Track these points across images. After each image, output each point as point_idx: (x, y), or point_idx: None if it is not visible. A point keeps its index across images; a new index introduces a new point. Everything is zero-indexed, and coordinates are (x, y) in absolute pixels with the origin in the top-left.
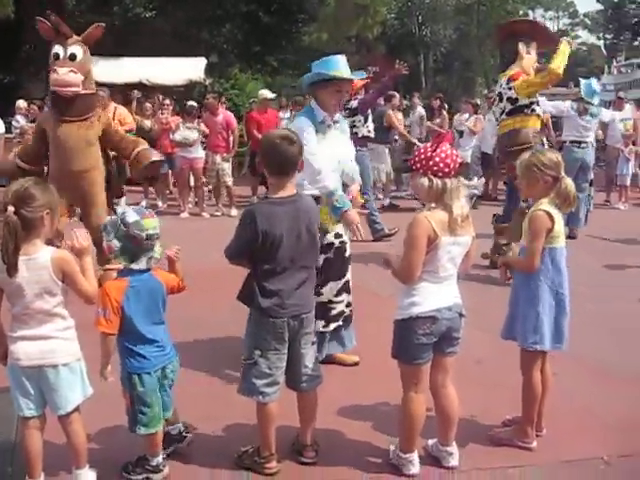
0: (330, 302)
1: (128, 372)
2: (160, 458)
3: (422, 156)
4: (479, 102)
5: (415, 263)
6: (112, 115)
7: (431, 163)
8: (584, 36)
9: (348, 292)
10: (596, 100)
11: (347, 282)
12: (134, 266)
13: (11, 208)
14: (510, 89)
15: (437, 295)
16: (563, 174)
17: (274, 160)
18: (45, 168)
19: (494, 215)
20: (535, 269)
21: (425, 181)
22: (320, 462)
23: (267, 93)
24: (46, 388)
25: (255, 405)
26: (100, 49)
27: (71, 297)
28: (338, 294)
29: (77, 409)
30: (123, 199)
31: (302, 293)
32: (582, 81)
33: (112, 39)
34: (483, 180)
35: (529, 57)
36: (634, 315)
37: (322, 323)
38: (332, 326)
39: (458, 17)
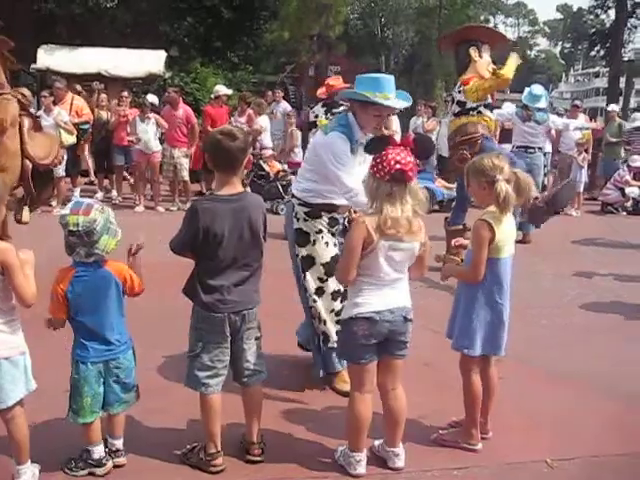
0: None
1: (72, 355)
2: (101, 451)
3: (377, 159)
4: (435, 105)
5: (350, 265)
6: (69, 106)
7: (379, 167)
8: (543, 44)
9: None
10: (542, 104)
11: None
12: (74, 257)
13: None
14: (460, 92)
15: (378, 297)
16: (499, 176)
17: (217, 156)
18: None
19: (446, 218)
20: (479, 280)
21: (371, 182)
22: (267, 460)
23: (223, 89)
24: None
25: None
26: (58, 38)
27: None
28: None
29: (20, 403)
30: (77, 190)
31: (244, 290)
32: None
33: (71, 28)
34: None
35: (482, 60)
36: (587, 324)
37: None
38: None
39: (420, 20)
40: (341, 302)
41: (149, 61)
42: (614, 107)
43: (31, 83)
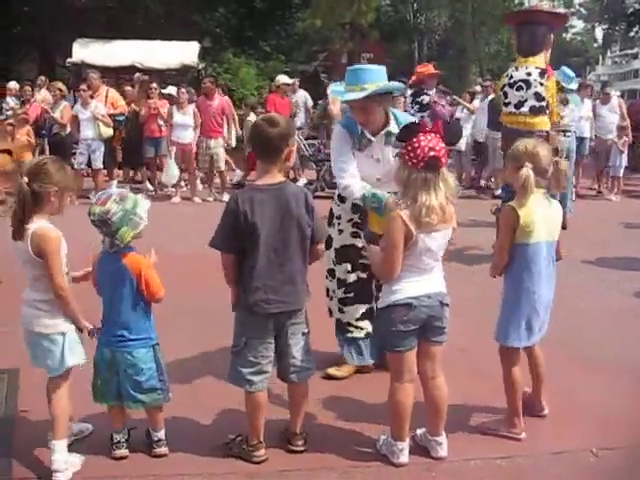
0: (349, 325)
1: None
2: (117, 438)
3: (409, 147)
4: (478, 89)
5: (396, 263)
6: (104, 98)
7: (412, 155)
8: (579, 26)
9: (372, 320)
10: (574, 85)
11: (372, 310)
12: (102, 245)
13: (25, 179)
14: (542, 85)
15: (416, 284)
16: (527, 163)
17: (256, 143)
18: None
19: (494, 206)
20: (499, 265)
21: (403, 171)
22: (308, 450)
23: (283, 78)
24: (34, 351)
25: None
26: (92, 31)
27: None
28: (361, 319)
29: (60, 379)
30: (114, 182)
31: (290, 290)
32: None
33: (105, 21)
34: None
35: (547, 53)
36: (625, 308)
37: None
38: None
39: (453, 4)
40: (344, 292)
41: (182, 52)
42: None
43: (67, 77)
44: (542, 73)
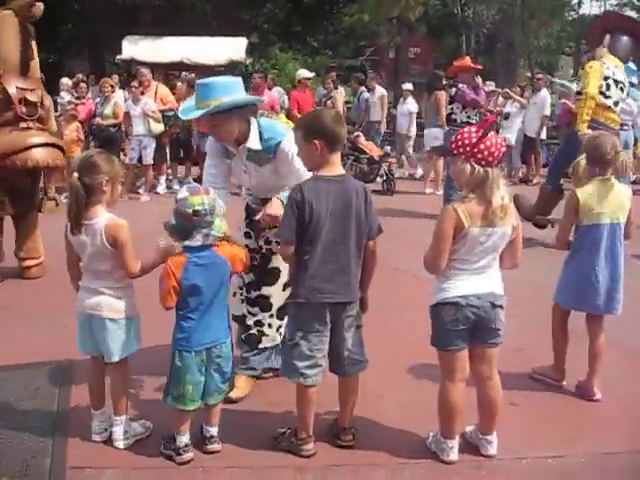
0: (244, 315)
1: (174, 344)
2: (184, 441)
3: (466, 141)
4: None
5: (440, 253)
6: (154, 94)
7: (476, 150)
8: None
9: (264, 309)
10: (635, 79)
11: (262, 297)
12: (188, 243)
13: (75, 175)
14: (628, 95)
15: (465, 282)
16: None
17: (325, 137)
18: None
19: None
20: (562, 243)
21: (467, 167)
22: (357, 446)
23: (304, 72)
24: (96, 336)
25: (295, 387)
26: (142, 29)
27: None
28: (251, 306)
29: (123, 361)
30: (162, 177)
31: (345, 282)
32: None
33: (154, 18)
34: None
35: None
36: None
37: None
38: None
39: None
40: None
41: (230, 48)
42: None
43: (117, 73)
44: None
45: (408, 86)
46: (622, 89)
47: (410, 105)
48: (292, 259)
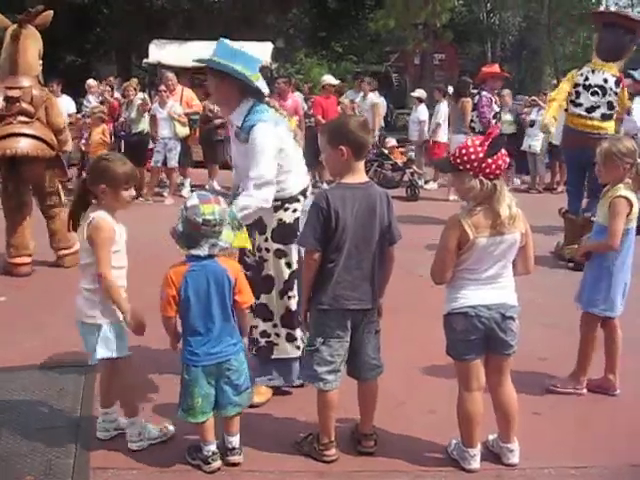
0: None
1: (181, 358)
2: (211, 450)
3: (472, 157)
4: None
5: (444, 263)
6: (179, 97)
7: (484, 165)
8: None
9: (266, 320)
10: None
11: (262, 305)
12: (193, 252)
13: (84, 176)
14: (616, 94)
15: (475, 292)
16: (638, 160)
17: (351, 143)
18: None
19: (561, 209)
20: (617, 248)
21: (476, 183)
22: (378, 453)
23: (329, 78)
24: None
25: (315, 393)
26: (169, 33)
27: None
28: (253, 318)
29: (109, 364)
30: (187, 180)
31: (367, 289)
32: None
33: (180, 23)
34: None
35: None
36: None
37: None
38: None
39: (528, 4)
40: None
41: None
42: None
43: (142, 77)
44: (617, 82)
45: (417, 94)
46: (597, 93)
47: (420, 113)
48: (314, 269)
